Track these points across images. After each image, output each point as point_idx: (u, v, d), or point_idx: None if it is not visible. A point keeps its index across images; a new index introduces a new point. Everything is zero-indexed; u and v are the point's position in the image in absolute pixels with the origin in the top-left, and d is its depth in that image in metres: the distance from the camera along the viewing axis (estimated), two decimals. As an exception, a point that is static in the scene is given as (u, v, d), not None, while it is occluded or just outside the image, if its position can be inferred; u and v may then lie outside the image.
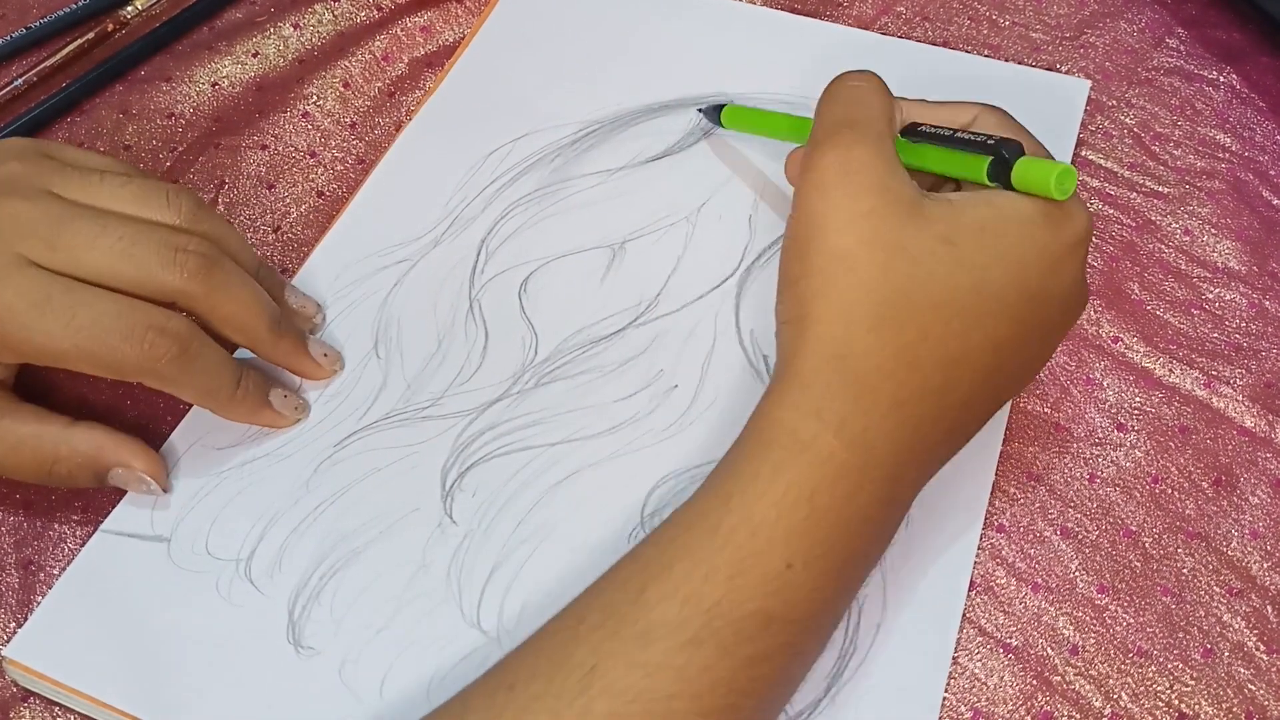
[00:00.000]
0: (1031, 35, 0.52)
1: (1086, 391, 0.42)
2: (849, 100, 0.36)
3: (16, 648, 0.37)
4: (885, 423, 0.32)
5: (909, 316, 0.32)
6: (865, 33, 0.52)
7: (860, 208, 0.33)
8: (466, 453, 0.40)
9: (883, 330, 0.32)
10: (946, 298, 0.32)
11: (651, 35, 0.52)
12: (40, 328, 0.35)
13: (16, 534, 0.40)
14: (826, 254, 0.33)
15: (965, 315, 0.32)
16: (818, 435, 0.31)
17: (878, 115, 0.35)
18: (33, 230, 0.36)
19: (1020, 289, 0.33)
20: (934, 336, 0.32)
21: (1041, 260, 0.33)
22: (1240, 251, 0.45)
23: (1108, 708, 0.36)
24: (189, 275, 0.37)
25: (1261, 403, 0.41)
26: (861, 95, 0.36)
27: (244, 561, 0.38)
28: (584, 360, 0.42)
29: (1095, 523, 0.39)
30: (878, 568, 0.37)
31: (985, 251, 0.33)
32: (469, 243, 0.46)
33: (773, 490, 0.31)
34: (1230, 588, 0.38)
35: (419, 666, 0.36)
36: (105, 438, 0.38)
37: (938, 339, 0.32)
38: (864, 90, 0.36)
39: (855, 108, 0.35)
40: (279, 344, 0.40)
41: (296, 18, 0.55)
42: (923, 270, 0.32)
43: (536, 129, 0.49)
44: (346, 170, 0.49)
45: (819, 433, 0.31)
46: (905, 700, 0.35)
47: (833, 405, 0.32)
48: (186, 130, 0.51)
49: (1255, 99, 0.50)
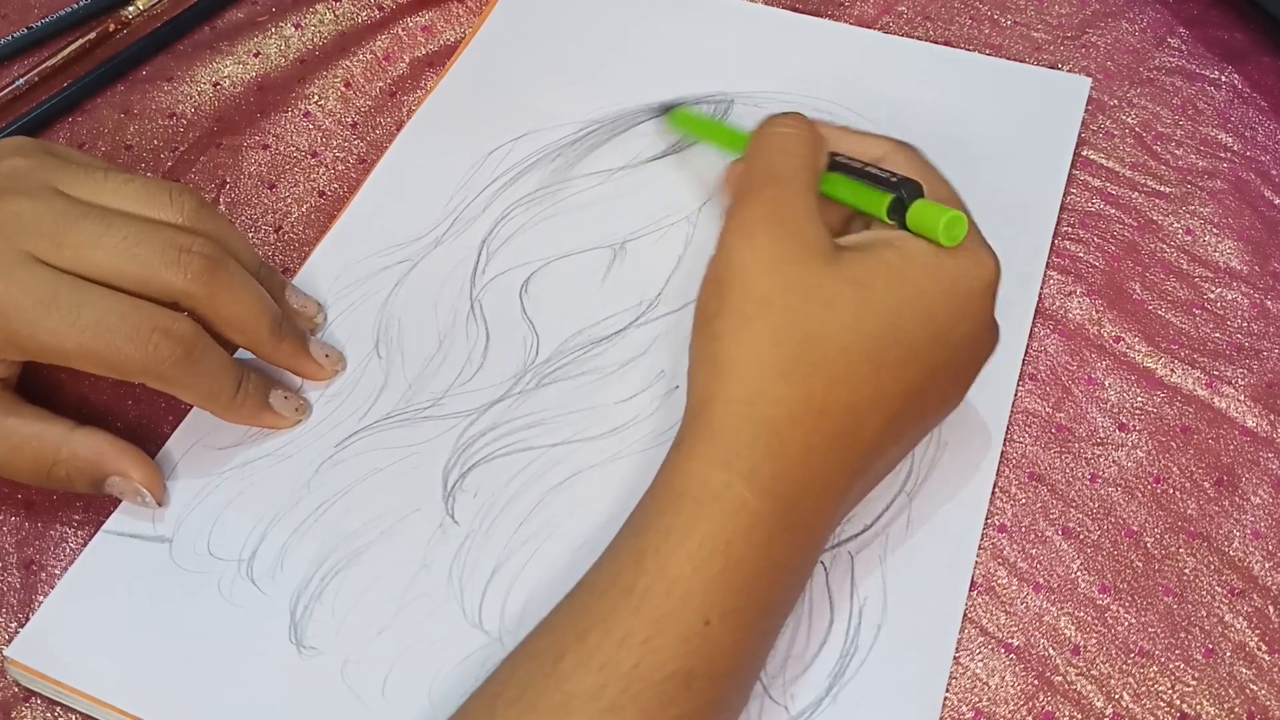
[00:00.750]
0: (1033, 34, 0.52)
1: (1088, 391, 0.42)
2: (778, 149, 0.36)
3: (18, 648, 0.37)
4: (796, 470, 0.32)
5: (819, 362, 0.32)
6: (866, 31, 0.52)
7: (782, 256, 0.33)
8: (468, 453, 0.40)
9: (793, 376, 0.32)
10: (856, 344, 0.32)
11: (652, 35, 0.52)
12: (46, 325, 0.35)
13: (18, 534, 0.40)
14: (746, 297, 0.33)
15: (874, 361, 0.32)
16: (729, 485, 0.31)
17: (804, 165, 0.36)
18: (38, 227, 0.36)
19: (928, 332, 0.33)
20: (844, 383, 0.32)
21: (949, 303, 0.33)
22: (1242, 251, 0.45)
23: (1109, 708, 0.36)
24: (193, 276, 0.37)
25: (1263, 403, 0.41)
26: (789, 144, 0.37)
27: (245, 562, 0.38)
28: (585, 361, 0.42)
29: (1097, 522, 0.39)
30: (878, 567, 0.37)
31: (893, 293, 0.33)
32: (470, 243, 0.46)
33: (687, 544, 0.30)
34: (1232, 588, 0.38)
35: (421, 667, 0.36)
36: (106, 444, 0.38)
37: (848, 385, 0.32)
38: (792, 138, 0.37)
39: (783, 158, 0.36)
40: (280, 346, 0.40)
41: (298, 17, 0.55)
42: (834, 316, 0.32)
43: (536, 129, 0.49)
44: (348, 170, 0.49)
45: (730, 482, 0.31)
46: (906, 700, 0.35)
47: (743, 454, 0.31)
48: (188, 130, 0.51)
49: (1257, 99, 0.50)
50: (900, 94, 0.49)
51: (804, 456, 0.32)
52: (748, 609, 0.31)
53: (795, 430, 0.32)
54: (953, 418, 0.40)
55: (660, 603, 0.30)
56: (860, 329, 0.32)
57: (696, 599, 0.30)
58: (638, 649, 0.29)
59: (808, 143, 0.37)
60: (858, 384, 0.32)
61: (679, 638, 0.30)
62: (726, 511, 0.31)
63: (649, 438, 0.40)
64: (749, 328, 0.33)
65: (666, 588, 0.30)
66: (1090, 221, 0.46)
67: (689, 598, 0.30)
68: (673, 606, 0.30)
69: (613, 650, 0.29)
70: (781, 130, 0.37)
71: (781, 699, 0.35)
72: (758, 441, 0.32)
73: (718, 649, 0.30)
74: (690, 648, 0.30)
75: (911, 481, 0.39)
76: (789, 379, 0.32)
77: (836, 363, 0.32)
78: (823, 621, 0.36)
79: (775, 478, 0.31)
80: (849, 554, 0.37)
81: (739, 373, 0.32)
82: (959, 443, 0.40)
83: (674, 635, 0.30)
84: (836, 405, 0.32)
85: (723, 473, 0.31)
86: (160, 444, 0.41)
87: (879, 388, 0.33)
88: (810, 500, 0.32)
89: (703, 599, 0.30)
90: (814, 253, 0.33)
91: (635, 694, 0.29)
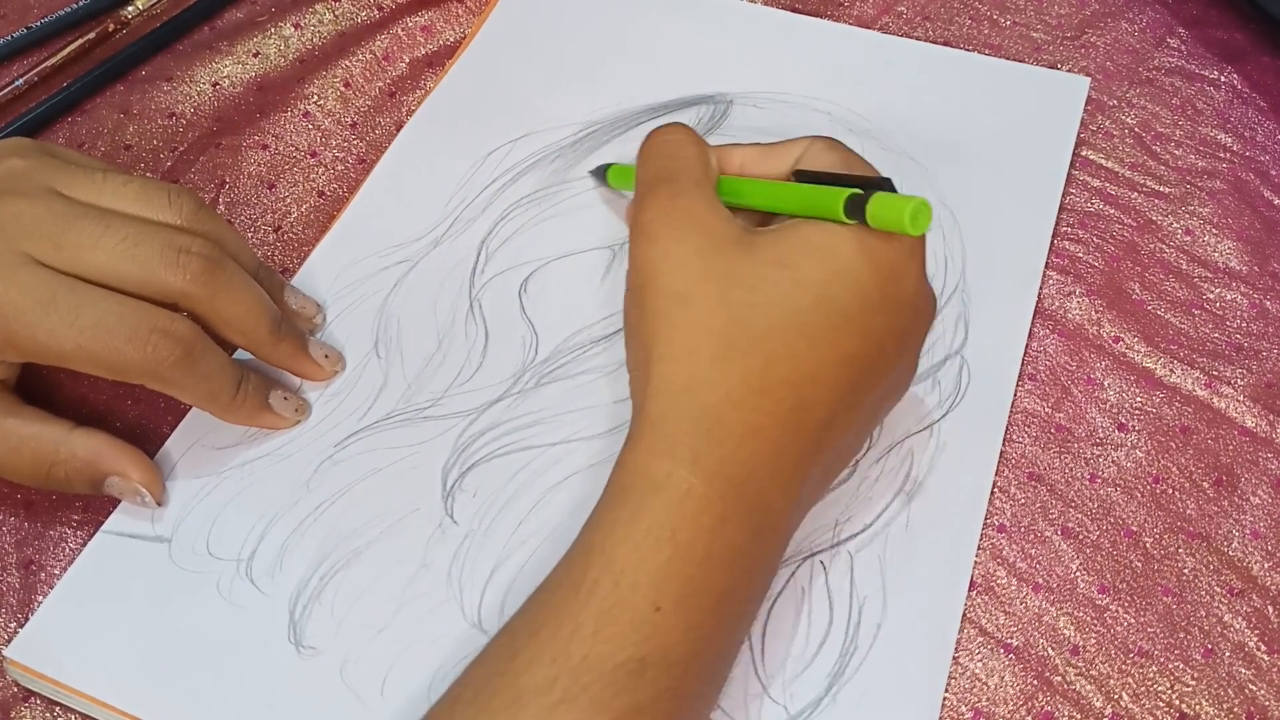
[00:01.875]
0: (1032, 35, 0.52)
1: (1087, 391, 0.42)
2: (662, 154, 0.37)
3: (17, 648, 0.37)
4: (740, 451, 0.32)
5: (752, 343, 0.32)
6: (866, 31, 0.52)
7: (688, 249, 0.34)
8: (467, 453, 0.40)
9: (727, 360, 0.32)
10: (787, 319, 0.32)
11: (652, 35, 0.52)
12: (45, 326, 0.35)
13: (17, 534, 0.40)
14: (662, 295, 0.33)
15: (810, 334, 0.32)
16: (671, 473, 0.31)
17: (692, 164, 0.36)
18: (37, 228, 0.36)
19: (861, 300, 0.33)
20: (780, 359, 0.32)
21: (878, 270, 0.33)
22: (1241, 251, 0.45)
23: (1108, 708, 0.36)
24: (191, 277, 0.37)
25: (1262, 403, 0.41)
26: (673, 148, 0.37)
27: (245, 561, 0.38)
28: (584, 360, 0.42)
29: (1096, 523, 0.39)
30: (878, 567, 0.37)
31: (819, 268, 0.33)
32: (469, 243, 0.46)
33: (633, 534, 0.31)
34: (1231, 588, 0.38)
35: (420, 666, 0.36)
36: (105, 445, 0.38)
37: (784, 361, 0.32)
38: (675, 143, 0.37)
39: (669, 161, 0.37)
40: (279, 346, 0.40)
41: (297, 17, 0.55)
42: (760, 296, 0.32)
43: (536, 129, 0.49)
44: (347, 170, 0.49)
45: (672, 470, 0.31)
46: (906, 700, 0.35)
47: (684, 441, 0.31)
48: (187, 130, 0.51)
49: (1256, 99, 0.50)
50: (900, 94, 0.49)
51: (749, 437, 0.32)
52: (701, 594, 0.31)
53: (736, 412, 0.32)
54: (952, 418, 0.40)
55: (608, 593, 0.30)
56: (789, 306, 0.32)
57: (645, 587, 0.30)
58: (588, 640, 0.29)
59: (692, 143, 0.37)
60: (795, 360, 0.32)
61: (629, 626, 0.30)
62: (671, 499, 0.31)
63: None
64: (672, 323, 0.33)
65: (614, 578, 0.30)
66: (1090, 221, 0.46)
67: (637, 586, 0.30)
68: (621, 596, 0.30)
69: (563, 643, 0.29)
70: (663, 137, 0.38)
71: (781, 698, 0.35)
72: (698, 428, 0.32)
73: (671, 636, 0.30)
74: (641, 635, 0.30)
75: (911, 482, 0.39)
76: (723, 363, 0.32)
77: (769, 341, 0.32)
78: (822, 621, 0.36)
79: (721, 461, 0.31)
80: (849, 554, 0.37)
81: (669, 366, 0.33)
82: (959, 443, 0.40)
83: (624, 624, 0.30)
84: (776, 382, 0.32)
85: (665, 461, 0.31)
86: (159, 444, 0.41)
87: (818, 361, 0.33)
88: (761, 482, 0.32)
89: (651, 587, 0.30)
90: (723, 240, 0.34)
91: (586, 684, 0.29)
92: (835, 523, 0.38)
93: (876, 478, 0.39)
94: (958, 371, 0.41)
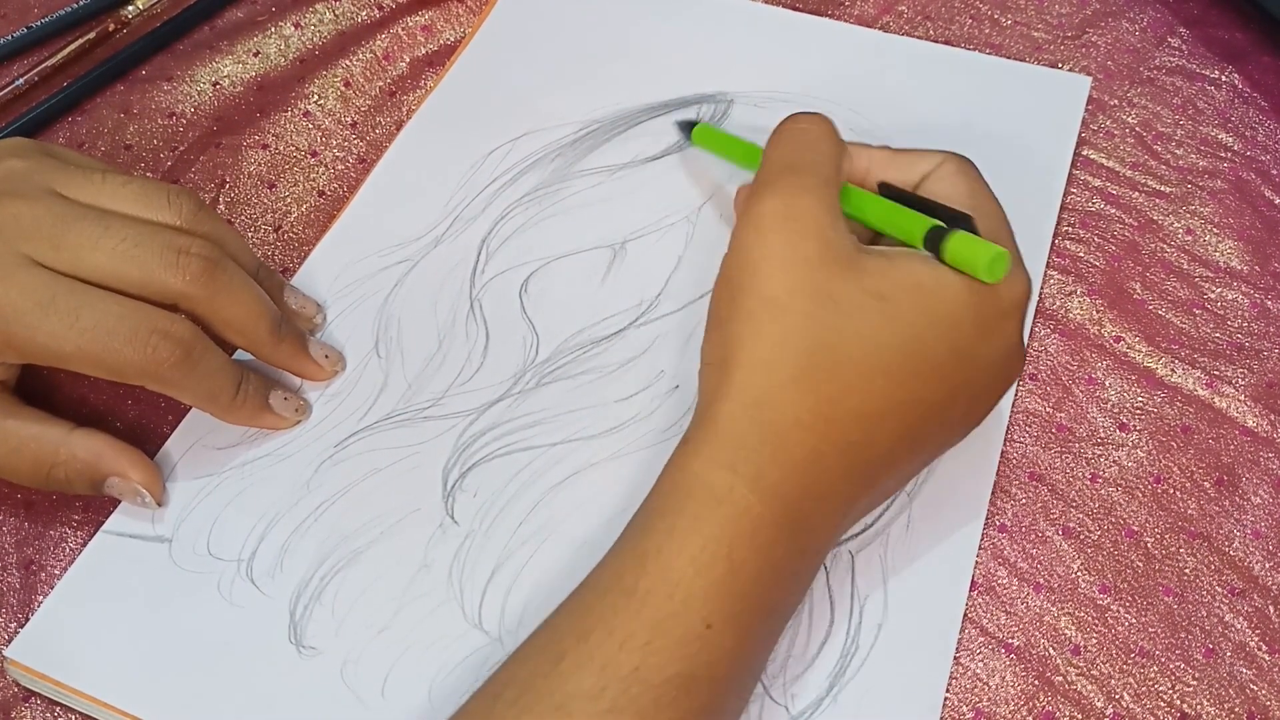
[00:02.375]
0: (1033, 34, 0.52)
1: (1088, 391, 0.42)
2: (796, 143, 0.35)
3: (18, 648, 0.37)
4: (801, 476, 0.31)
5: (832, 370, 0.31)
6: (867, 30, 0.52)
7: (796, 255, 0.32)
8: (468, 453, 0.40)
9: (803, 382, 0.31)
10: (872, 354, 0.32)
11: (652, 34, 0.52)
12: (45, 328, 0.35)
13: (18, 534, 0.40)
14: (757, 298, 0.32)
15: (890, 373, 0.32)
16: (733, 488, 0.31)
17: (824, 161, 0.35)
18: (36, 229, 0.36)
19: (951, 350, 0.32)
20: (856, 392, 0.31)
21: (976, 322, 0.33)
22: (1242, 251, 0.45)
23: (1109, 708, 0.36)
24: (191, 278, 0.37)
25: (1263, 403, 0.41)
26: (809, 139, 0.35)
27: (245, 562, 0.38)
28: (585, 360, 0.42)
29: (1097, 522, 0.39)
30: (879, 567, 0.37)
31: (917, 310, 0.32)
32: (469, 242, 0.45)
33: (689, 547, 0.30)
34: (1232, 588, 0.38)
35: (420, 667, 0.36)
36: (105, 446, 0.38)
37: (859, 395, 0.31)
38: (812, 134, 0.36)
39: (802, 151, 0.35)
40: (280, 347, 0.40)
41: (297, 17, 0.55)
42: (850, 325, 0.32)
43: (536, 129, 0.49)
44: (347, 170, 0.49)
45: (734, 485, 0.31)
46: (907, 700, 0.35)
47: (748, 457, 0.31)
48: (187, 130, 0.51)
49: (1257, 98, 0.50)
50: (900, 94, 0.49)
51: (810, 463, 0.31)
52: (749, 613, 0.31)
53: (802, 436, 0.31)
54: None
55: (662, 605, 0.30)
56: (878, 341, 0.32)
57: (698, 602, 0.30)
58: (639, 651, 0.29)
59: (829, 138, 0.36)
60: (870, 395, 0.32)
61: (680, 641, 0.29)
62: (730, 515, 0.30)
63: (649, 437, 0.40)
64: (758, 330, 0.32)
65: (669, 590, 0.30)
66: (1090, 221, 0.46)
67: (690, 601, 0.30)
68: (674, 609, 0.29)
69: (613, 652, 0.29)
70: (800, 125, 0.36)
71: (782, 699, 0.35)
72: (764, 446, 0.31)
73: (718, 653, 0.30)
74: (691, 651, 0.29)
75: (912, 481, 0.39)
76: (798, 385, 0.31)
77: (849, 372, 0.31)
78: (823, 621, 0.36)
79: (780, 482, 0.31)
80: (849, 553, 0.37)
81: (747, 375, 0.32)
82: (960, 442, 0.40)
83: (675, 638, 0.29)
84: (846, 414, 0.31)
85: (727, 475, 0.31)
86: (160, 444, 0.41)
87: (891, 400, 0.32)
88: (814, 507, 0.32)
89: (704, 602, 0.30)
90: (831, 254, 0.32)
91: (634, 696, 0.29)
92: (836, 523, 0.38)
93: (877, 478, 0.39)
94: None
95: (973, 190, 0.35)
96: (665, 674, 0.29)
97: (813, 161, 0.34)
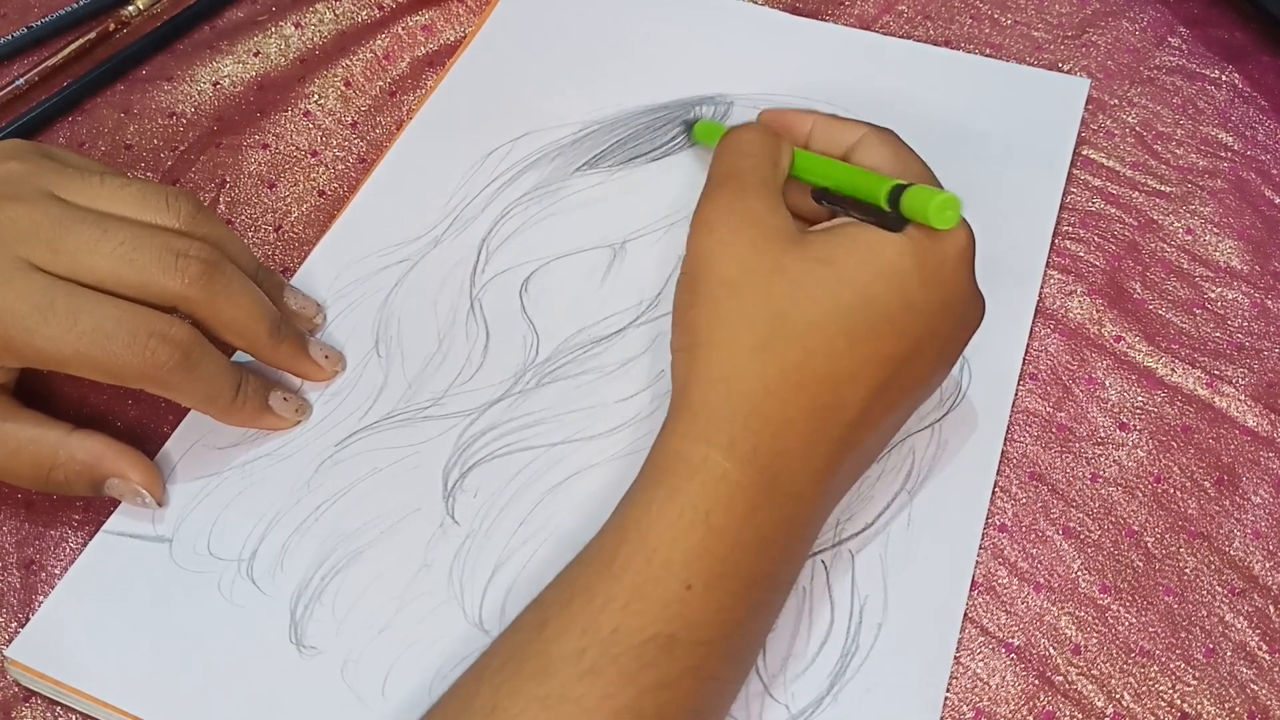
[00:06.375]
0: (1033, 34, 0.52)
1: (1089, 391, 0.42)
2: (736, 152, 0.38)
3: (18, 648, 0.37)
4: (776, 442, 0.32)
5: (792, 336, 0.33)
6: (865, 33, 0.52)
7: (744, 240, 0.34)
8: (468, 453, 0.40)
9: (766, 351, 0.33)
10: (828, 316, 0.33)
11: (652, 35, 0.52)
12: (43, 332, 0.35)
13: (18, 534, 0.40)
14: (713, 283, 0.34)
15: (850, 333, 0.33)
16: (707, 457, 0.32)
17: (762, 165, 0.37)
18: (35, 233, 0.36)
19: (904, 303, 0.33)
20: (819, 355, 0.33)
21: (920, 273, 0.34)
22: (1242, 251, 0.45)
23: (1110, 708, 0.36)
24: (190, 281, 0.36)
25: (1264, 402, 0.41)
26: (747, 146, 0.38)
27: (246, 561, 0.38)
28: (585, 360, 0.42)
29: (1097, 522, 0.39)
30: (879, 566, 0.37)
31: (862, 267, 0.33)
32: (470, 242, 0.45)
33: (667, 514, 0.31)
34: (1232, 587, 0.38)
35: (421, 666, 0.36)
36: (104, 447, 0.38)
37: (823, 357, 0.33)
38: (750, 141, 0.38)
39: (741, 159, 0.37)
40: (279, 348, 0.40)
41: (298, 17, 0.55)
42: (803, 291, 0.33)
43: (536, 129, 0.49)
44: (348, 169, 0.49)
45: (708, 454, 0.32)
46: (907, 699, 0.35)
47: (721, 427, 0.32)
48: (188, 130, 0.51)
49: (1257, 98, 0.50)
50: (900, 95, 0.49)
51: (783, 429, 0.32)
52: (732, 577, 0.31)
53: (772, 403, 0.32)
54: (953, 417, 0.40)
55: (641, 569, 0.31)
56: (831, 303, 0.33)
57: (677, 565, 0.31)
58: (618, 613, 0.30)
59: (765, 143, 0.38)
60: (834, 356, 0.33)
61: (659, 602, 0.30)
62: (705, 483, 0.32)
63: (649, 436, 0.39)
64: (719, 311, 0.34)
65: (646, 555, 0.31)
66: (1090, 221, 0.46)
67: (669, 565, 0.31)
68: (653, 573, 0.31)
69: (594, 615, 0.30)
70: (738, 135, 0.39)
71: (783, 698, 0.35)
72: (735, 415, 0.32)
73: (701, 615, 0.31)
74: (671, 612, 0.30)
75: (912, 481, 0.39)
76: (762, 354, 0.33)
77: (809, 336, 0.33)
78: (823, 620, 0.36)
79: (755, 450, 0.32)
80: (849, 553, 0.37)
81: (713, 353, 0.33)
82: (959, 442, 0.40)
83: (654, 600, 0.30)
84: (813, 377, 0.33)
85: (702, 446, 0.32)
86: (160, 445, 0.41)
87: (856, 359, 0.33)
88: (793, 472, 0.33)
89: (683, 566, 0.31)
90: (775, 236, 0.34)
91: (615, 656, 0.30)
92: (836, 522, 0.38)
93: (877, 477, 0.39)
94: (959, 370, 0.41)
95: (897, 154, 0.37)
96: (645, 634, 0.30)
97: (752, 167, 0.37)
